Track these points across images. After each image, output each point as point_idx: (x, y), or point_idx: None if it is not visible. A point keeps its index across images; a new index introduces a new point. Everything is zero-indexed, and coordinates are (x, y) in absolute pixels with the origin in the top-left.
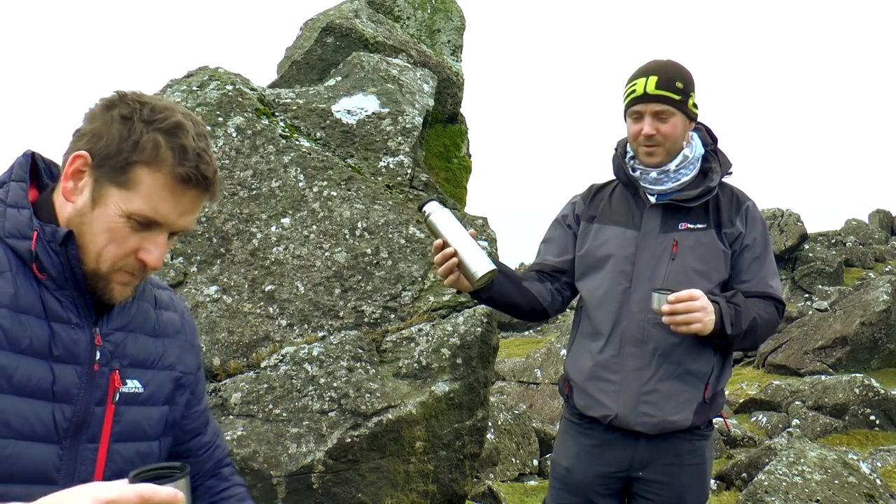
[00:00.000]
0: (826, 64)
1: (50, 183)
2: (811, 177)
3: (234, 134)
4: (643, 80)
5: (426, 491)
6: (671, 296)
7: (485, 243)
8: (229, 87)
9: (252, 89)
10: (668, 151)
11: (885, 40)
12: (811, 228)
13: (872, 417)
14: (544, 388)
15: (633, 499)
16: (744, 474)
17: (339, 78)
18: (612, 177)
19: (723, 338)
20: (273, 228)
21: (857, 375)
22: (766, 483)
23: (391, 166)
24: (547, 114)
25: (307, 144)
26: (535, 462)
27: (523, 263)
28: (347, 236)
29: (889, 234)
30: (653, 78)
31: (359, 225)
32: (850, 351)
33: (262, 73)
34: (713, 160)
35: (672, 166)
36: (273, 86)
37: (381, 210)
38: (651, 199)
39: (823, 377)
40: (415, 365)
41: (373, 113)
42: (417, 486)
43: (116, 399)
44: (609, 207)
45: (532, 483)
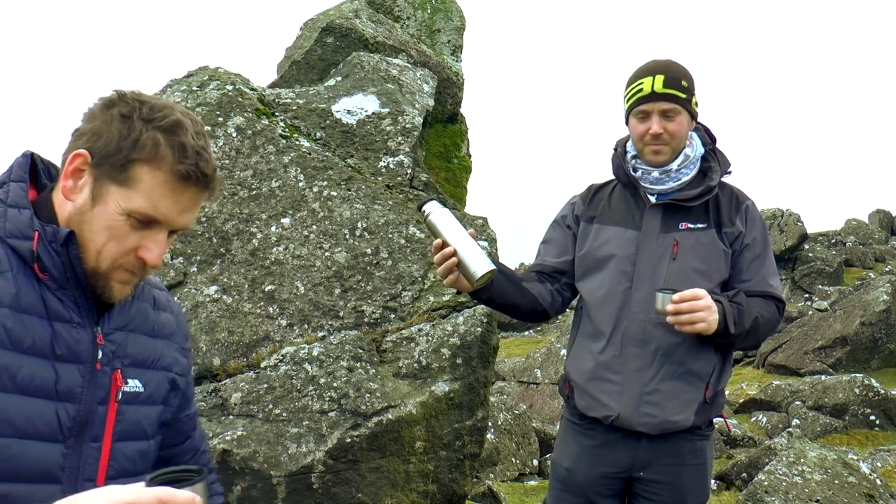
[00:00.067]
0: (826, 64)
1: (48, 183)
2: (811, 177)
3: (234, 134)
4: (650, 80)
5: (426, 491)
6: (675, 295)
7: (485, 243)
8: (229, 87)
9: (252, 89)
10: (674, 150)
11: (886, 40)
12: (811, 228)
13: (872, 417)
14: (544, 388)
15: (634, 499)
16: (744, 474)
17: (339, 78)
18: (612, 177)
19: (726, 337)
20: (273, 228)
21: (857, 375)
22: (766, 483)
23: (391, 166)
24: (547, 114)
25: (307, 144)
26: (535, 462)
27: (523, 263)
28: (347, 236)
29: (889, 234)
30: (660, 77)
31: (359, 225)
32: (850, 351)
33: (262, 73)
34: (712, 160)
35: (674, 166)
36: (273, 86)
37: (381, 210)
38: (651, 199)
39: (823, 377)
40: (415, 365)
41: (373, 113)
42: (417, 486)
43: (120, 398)
44: (609, 207)
45: (532, 483)
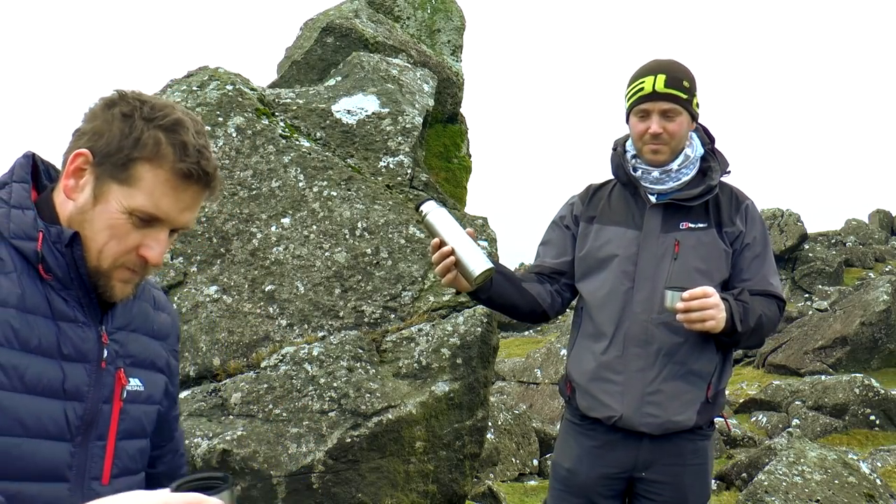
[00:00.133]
0: (826, 64)
1: (48, 184)
2: (811, 177)
3: (234, 134)
4: (651, 79)
5: (426, 491)
6: (686, 293)
7: (485, 243)
8: (229, 87)
9: (252, 89)
10: (674, 150)
11: (886, 40)
12: (811, 228)
13: (872, 417)
14: (544, 388)
15: (636, 499)
16: (744, 474)
17: (339, 78)
18: (611, 176)
19: (732, 335)
20: (273, 228)
21: (857, 375)
22: (766, 483)
23: (391, 166)
24: (547, 114)
25: (307, 144)
26: (535, 462)
27: (523, 263)
28: (347, 236)
29: (889, 234)
30: (661, 76)
31: (359, 225)
32: (850, 351)
33: (262, 73)
34: (712, 159)
35: (674, 166)
36: (273, 86)
37: (381, 210)
38: (651, 199)
39: (823, 377)
40: (415, 365)
41: (373, 113)
42: (417, 486)
43: (124, 397)
44: (609, 207)
45: (532, 483)
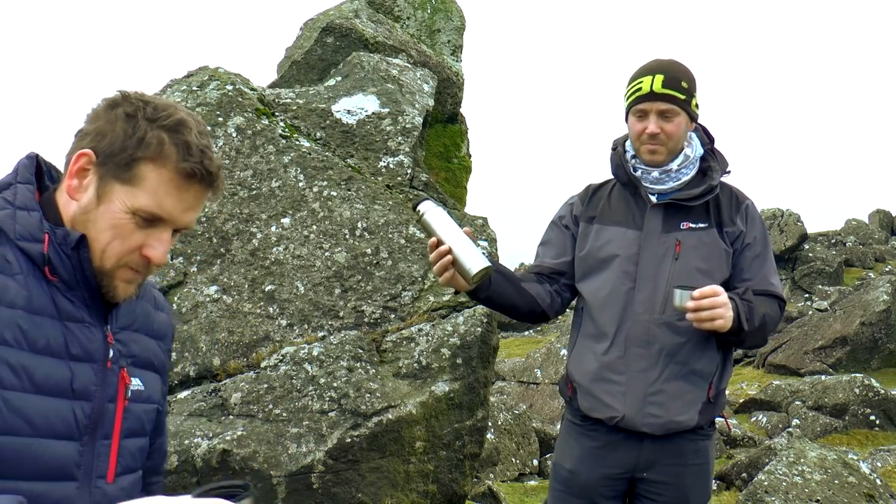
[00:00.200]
0: (826, 64)
1: (50, 185)
2: (811, 177)
3: (234, 134)
4: (649, 79)
5: (426, 491)
6: (696, 292)
7: (485, 243)
8: (229, 87)
9: (252, 89)
10: (671, 151)
11: (886, 40)
12: (811, 228)
13: (872, 417)
14: (544, 388)
15: (637, 499)
16: (744, 474)
17: (339, 78)
18: (610, 176)
19: (738, 334)
20: (273, 228)
21: (857, 375)
22: (766, 483)
23: (391, 166)
24: (547, 114)
25: (307, 144)
26: (535, 462)
27: (523, 264)
28: (347, 236)
29: (889, 234)
30: (659, 76)
31: (359, 225)
32: (850, 351)
33: (262, 73)
34: (712, 159)
35: (674, 166)
36: (273, 86)
37: (381, 210)
38: (652, 199)
39: (823, 377)
40: (415, 365)
41: (373, 113)
42: (417, 486)
43: (129, 396)
44: (609, 208)
45: (532, 483)
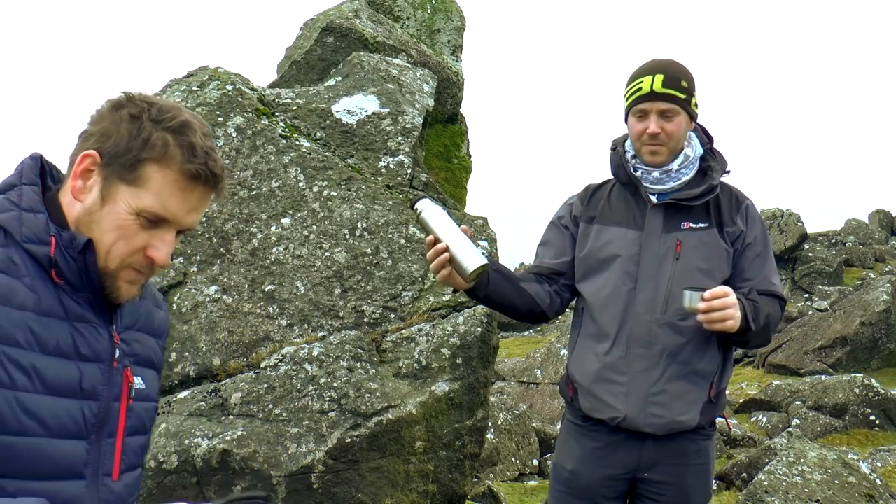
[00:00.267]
0: (826, 63)
1: (52, 186)
2: (811, 177)
3: (234, 134)
4: (649, 79)
5: (426, 491)
6: (707, 293)
7: (485, 243)
8: (229, 87)
9: (252, 89)
10: (671, 151)
11: (886, 40)
12: (811, 228)
13: (872, 417)
14: (544, 388)
15: (638, 500)
16: (744, 474)
17: (339, 78)
18: (610, 176)
19: (744, 334)
20: (273, 228)
21: (857, 375)
22: (766, 483)
23: (391, 166)
24: (547, 114)
25: (307, 144)
26: (535, 462)
27: (523, 264)
28: (347, 236)
29: (889, 234)
30: (659, 76)
31: (359, 225)
32: (850, 351)
33: (262, 73)
34: (711, 159)
35: (674, 166)
36: (273, 86)
37: (381, 210)
38: (652, 199)
39: (823, 377)
40: (415, 365)
41: (373, 113)
42: (417, 486)
43: (133, 395)
44: (609, 208)
45: (532, 483)
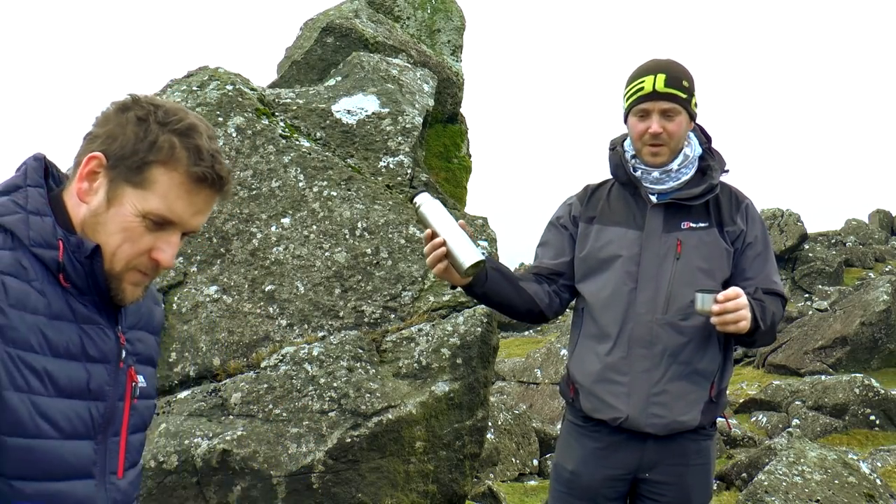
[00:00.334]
0: (826, 63)
1: (54, 187)
2: (811, 177)
3: (234, 134)
4: (651, 78)
5: (426, 491)
6: (720, 295)
7: (485, 243)
8: (229, 87)
9: (252, 89)
10: (672, 151)
11: (886, 40)
12: (811, 228)
13: (872, 417)
14: (544, 388)
15: (639, 500)
16: (744, 474)
17: (339, 78)
18: (609, 176)
19: (753, 334)
20: (273, 228)
21: (857, 375)
22: (766, 483)
23: (391, 166)
24: (547, 114)
25: (307, 144)
26: (535, 462)
27: (523, 264)
28: (347, 236)
29: (889, 234)
30: (661, 76)
31: (359, 225)
32: (850, 351)
33: (262, 73)
34: (710, 158)
35: (674, 165)
36: (273, 86)
37: (381, 210)
38: (652, 199)
39: (823, 377)
40: (415, 365)
41: (373, 113)
42: (417, 486)
43: (137, 394)
44: (608, 208)
45: (532, 483)
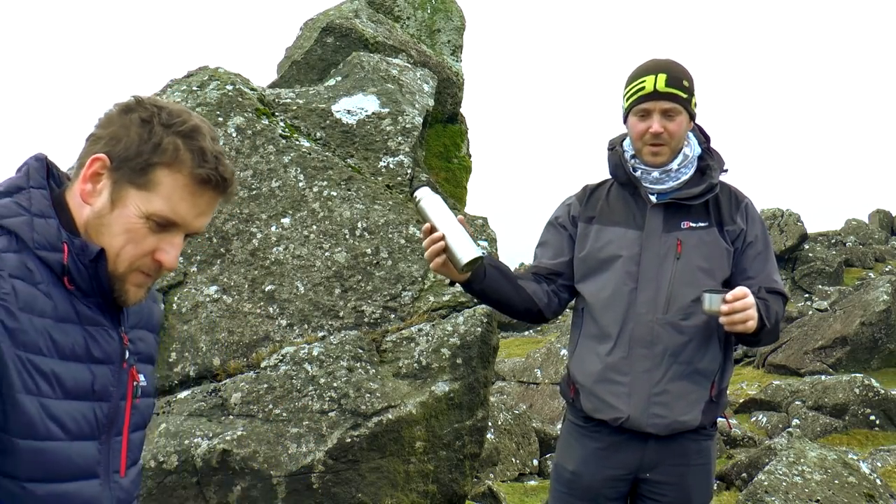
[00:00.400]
0: (826, 63)
1: (56, 187)
2: (811, 177)
3: (234, 134)
4: (652, 78)
5: (426, 491)
6: (729, 295)
7: (485, 243)
8: (229, 87)
9: (252, 89)
10: (672, 151)
11: (886, 40)
12: (811, 228)
13: (872, 417)
14: (544, 388)
15: (640, 500)
16: (744, 474)
17: (339, 78)
18: (608, 176)
19: (758, 333)
20: (273, 228)
21: (857, 375)
22: (766, 483)
23: (391, 166)
24: (547, 114)
25: (307, 144)
26: (535, 462)
27: (523, 263)
28: (347, 236)
29: (889, 234)
30: (662, 76)
31: (359, 225)
32: (850, 351)
33: (262, 73)
34: (709, 158)
35: (674, 165)
36: (273, 86)
37: (381, 210)
38: (652, 199)
39: (823, 377)
40: (415, 365)
41: (373, 113)
42: (417, 486)
43: (138, 394)
44: (608, 208)
45: (532, 483)
